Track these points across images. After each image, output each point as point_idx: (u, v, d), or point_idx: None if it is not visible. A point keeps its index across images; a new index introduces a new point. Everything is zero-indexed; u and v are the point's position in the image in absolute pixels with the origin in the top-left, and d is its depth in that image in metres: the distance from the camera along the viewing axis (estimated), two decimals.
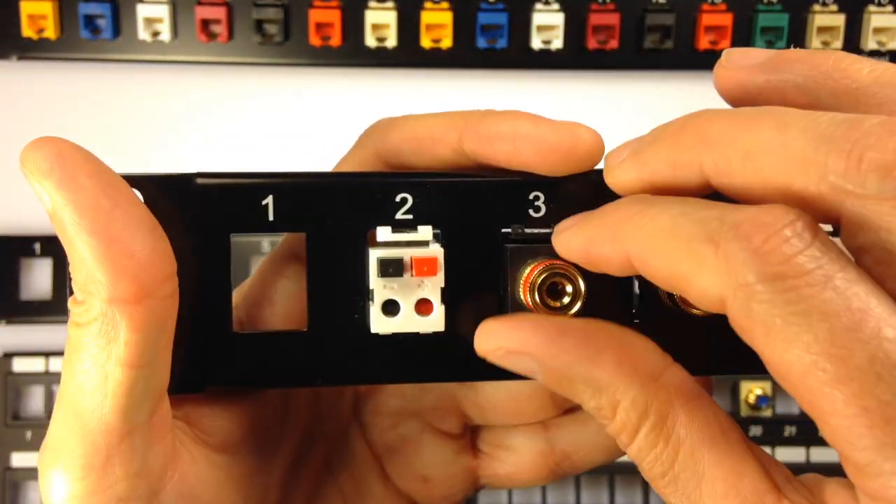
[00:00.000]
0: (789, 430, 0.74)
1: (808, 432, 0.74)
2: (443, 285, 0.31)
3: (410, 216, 0.32)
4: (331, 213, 0.31)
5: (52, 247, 0.73)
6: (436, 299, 0.31)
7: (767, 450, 0.71)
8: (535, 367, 0.28)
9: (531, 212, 0.32)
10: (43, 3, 0.71)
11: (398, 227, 0.31)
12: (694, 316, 0.30)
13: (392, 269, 0.30)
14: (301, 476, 0.37)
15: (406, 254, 0.31)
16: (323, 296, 0.32)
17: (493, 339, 0.29)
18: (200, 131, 0.75)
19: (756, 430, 0.74)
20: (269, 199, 0.31)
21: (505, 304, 0.32)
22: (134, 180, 0.30)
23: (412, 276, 0.31)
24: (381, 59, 0.73)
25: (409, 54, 0.73)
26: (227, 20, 0.72)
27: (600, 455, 0.40)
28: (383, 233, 0.31)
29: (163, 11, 0.72)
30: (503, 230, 0.32)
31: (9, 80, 0.74)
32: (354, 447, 0.40)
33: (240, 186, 0.31)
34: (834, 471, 0.72)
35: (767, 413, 0.74)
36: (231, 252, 0.31)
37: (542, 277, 0.30)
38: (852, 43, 0.74)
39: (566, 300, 0.30)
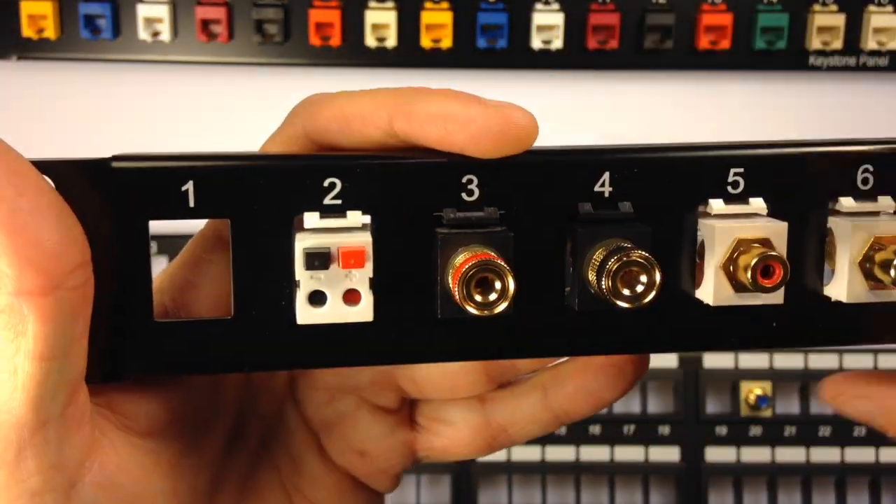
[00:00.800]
0: (789, 430, 0.75)
1: (808, 433, 0.75)
2: (371, 275, 0.30)
3: (339, 201, 0.30)
4: (255, 197, 0.30)
5: None
6: (364, 290, 0.30)
7: (767, 450, 0.72)
8: None
9: (464, 195, 0.31)
10: (43, 3, 0.71)
11: (326, 212, 0.30)
12: (622, 307, 0.30)
13: (318, 262, 0.29)
14: (235, 456, 0.36)
15: (333, 244, 0.29)
16: (249, 283, 0.30)
17: None
18: (200, 131, 0.75)
19: (756, 430, 0.74)
20: (189, 185, 0.29)
21: (435, 293, 0.31)
22: (44, 165, 0.28)
23: (339, 267, 0.30)
24: (381, 58, 0.73)
25: (409, 54, 0.73)
26: (227, 20, 0.72)
27: (536, 428, 0.39)
28: (311, 219, 0.30)
29: (163, 11, 0.72)
30: (435, 214, 0.31)
31: (9, 79, 0.74)
32: (290, 424, 0.39)
33: (158, 170, 0.29)
34: (834, 471, 0.72)
35: (767, 413, 0.74)
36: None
37: (472, 272, 0.29)
38: (852, 43, 0.74)
39: (493, 297, 0.30)
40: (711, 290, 0.30)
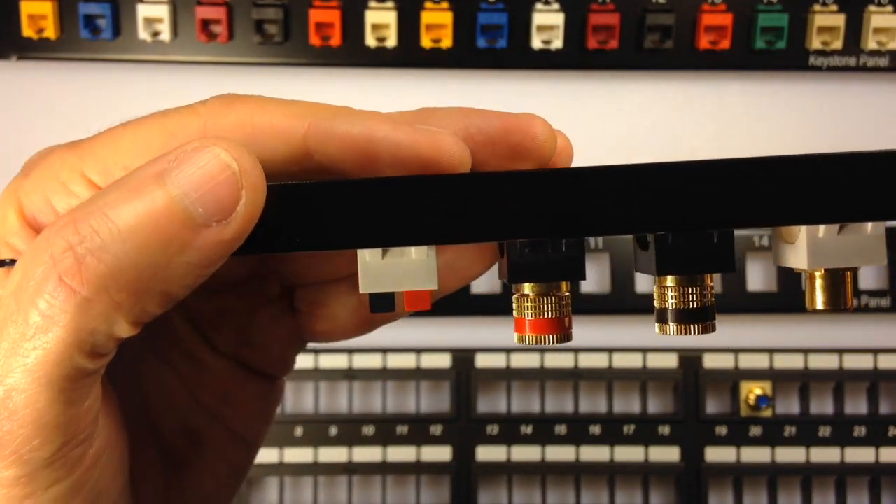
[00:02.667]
0: (789, 431, 0.75)
1: (808, 433, 0.74)
2: None
3: None
4: None
5: None
6: None
7: (767, 450, 0.72)
8: None
9: None
10: (43, 3, 0.71)
11: None
12: None
13: None
14: (124, 367, 0.35)
15: None
16: None
17: None
18: None
19: (756, 430, 0.74)
20: None
21: None
22: None
23: None
24: (381, 59, 0.73)
25: (410, 54, 0.73)
26: (227, 20, 0.72)
27: None
28: None
29: (163, 11, 0.72)
30: None
31: (8, 80, 0.74)
32: (177, 326, 0.39)
33: None
34: (834, 471, 0.72)
35: (767, 413, 0.74)
36: None
37: None
38: (853, 43, 0.74)
39: None
40: None
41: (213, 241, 0.28)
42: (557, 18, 0.72)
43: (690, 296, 0.32)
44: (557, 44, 0.73)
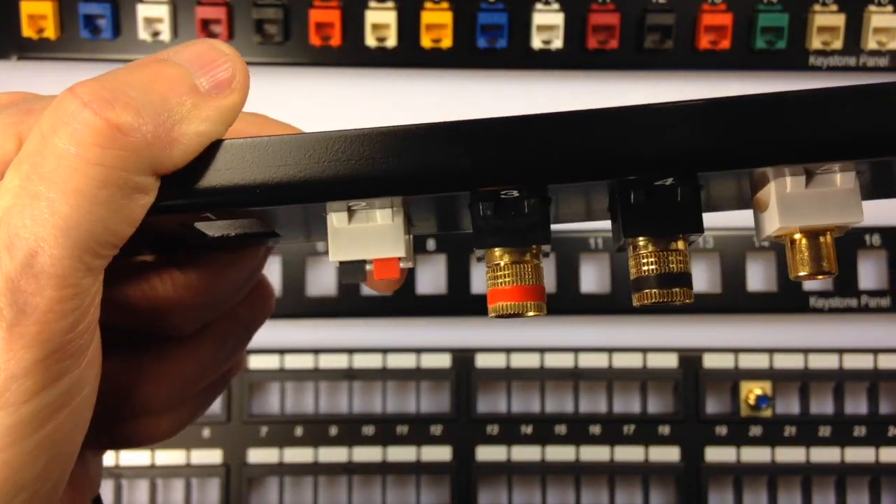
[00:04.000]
0: (789, 431, 0.74)
1: (808, 433, 0.74)
2: None
3: None
4: None
5: None
6: None
7: (768, 450, 0.72)
8: None
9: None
10: (43, 3, 0.71)
11: None
12: None
13: None
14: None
15: None
16: None
17: None
18: None
19: (756, 431, 0.74)
20: None
21: None
22: None
23: None
24: (381, 58, 0.73)
25: (410, 54, 0.73)
26: (227, 20, 0.72)
27: None
28: None
29: (163, 11, 0.72)
30: None
31: (8, 79, 0.74)
32: None
33: None
34: (834, 471, 0.72)
35: (767, 413, 0.74)
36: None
37: None
38: (853, 43, 0.74)
39: None
40: None
41: (216, 106, 0.31)
42: (557, 18, 0.72)
43: (668, 259, 0.32)
44: (557, 44, 0.73)
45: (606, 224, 0.35)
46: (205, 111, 0.31)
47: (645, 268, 0.32)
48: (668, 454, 0.74)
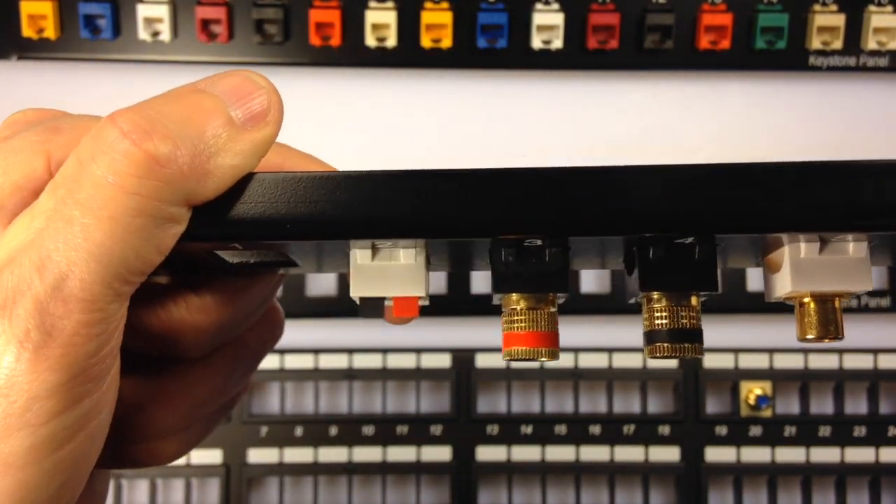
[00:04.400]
0: (789, 431, 0.74)
1: (808, 433, 0.74)
2: None
3: None
4: None
5: None
6: None
7: (767, 450, 0.72)
8: None
9: None
10: (43, 3, 0.71)
11: None
12: None
13: None
14: None
15: None
16: None
17: None
18: None
19: (756, 431, 0.74)
20: None
21: None
22: None
23: None
24: (381, 58, 0.73)
25: (410, 54, 0.73)
26: (227, 20, 0.72)
27: None
28: None
29: (163, 11, 0.72)
30: None
31: (8, 79, 0.74)
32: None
33: None
34: (834, 471, 0.72)
35: (767, 413, 0.74)
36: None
37: None
38: (853, 43, 0.74)
39: None
40: None
41: (251, 139, 0.32)
42: (557, 18, 0.72)
43: (681, 315, 0.33)
44: (557, 44, 0.73)
45: None
46: (239, 144, 0.31)
47: (658, 322, 0.33)
48: (668, 454, 0.74)
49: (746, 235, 0.31)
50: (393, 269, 0.33)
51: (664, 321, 0.33)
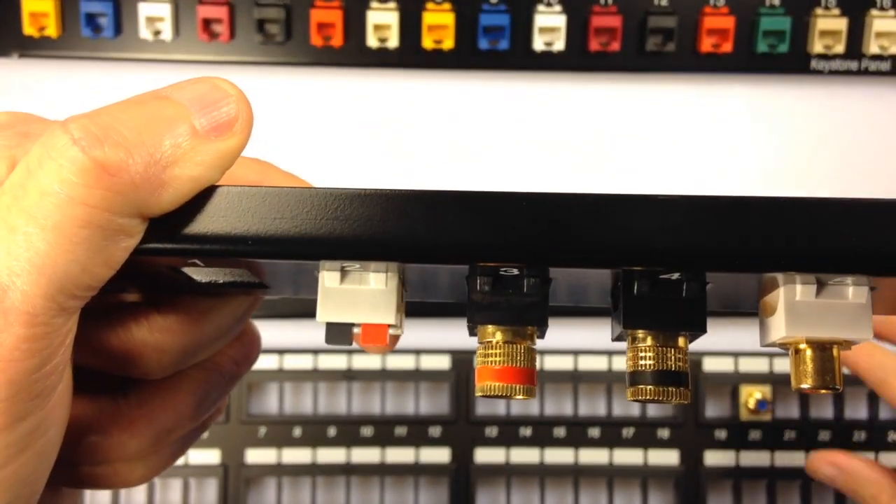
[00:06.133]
0: (789, 435, 0.74)
1: (807, 437, 0.74)
2: None
3: None
4: None
5: None
6: None
7: (767, 454, 0.72)
8: None
9: None
10: (44, 1, 0.71)
11: None
12: None
13: None
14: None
15: None
16: None
17: None
18: None
19: (755, 434, 0.74)
20: None
21: None
22: None
23: None
24: (382, 59, 0.73)
25: (411, 55, 0.73)
26: (228, 19, 0.72)
27: None
28: None
29: (164, 10, 0.72)
30: None
31: (10, 77, 0.74)
32: None
33: None
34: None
35: (767, 417, 0.74)
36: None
37: None
38: (854, 47, 0.74)
39: None
40: None
41: (214, 150, 0.30)
42: (559, 20, 0.72)
43: (667, 356, 0.31)
44: (559, 46, 0.73)
45: None
46: (200, 154, 0.30)
47: (642, 362, 0.31)
48: (668, 457, 0.74)
49: (735, 274, 0.30)
50: (363, 294, 0.32)
51: (649, 362, 0.31)
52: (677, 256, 0.29)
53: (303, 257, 0.30)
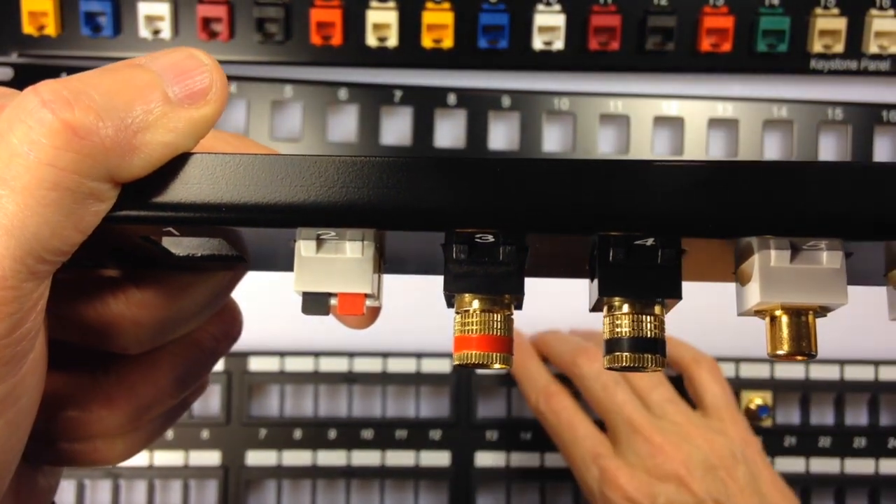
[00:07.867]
0: (789, 441, 0.74)
1: (808, 443, 0.74)
2: None
3: None
4: None
5: None
6: None
7: (768, 459, 0.72)
8: None
9: None
10: (44, 0, 0.71)
11: None
12: None
13: None
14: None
15: None
16: None
17: None
18: None
19: None
20: None
21: None
22: None
23: None
24: (382, 58, 0.73)
25: (411, 54, 0.73)
26: (228, 18, 0.72)
27: None
28: None
29: (164, 9, 0.72)
30: None
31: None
32: None
33: None
34: (834, 481, 0.71)
35: (768, 423, 0.74)
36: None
37: None
38: (854, 47, 0.74)
39: None
40: None
41: (187, 117, 0.30)
42: (559, 19, 0.72)
43: (643, 323, 0.31)
44: (559, 45, 0.73)
45: None
46: (173, 121, 0.30)
47: (618, 329, 0.31)
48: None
49: (710, 240, 0.30)
50: (339, 263, 0.32)
51: (625, 329, 0.31)
52: (653, 221, 0.29)
53: (278, 224, 0.30)
